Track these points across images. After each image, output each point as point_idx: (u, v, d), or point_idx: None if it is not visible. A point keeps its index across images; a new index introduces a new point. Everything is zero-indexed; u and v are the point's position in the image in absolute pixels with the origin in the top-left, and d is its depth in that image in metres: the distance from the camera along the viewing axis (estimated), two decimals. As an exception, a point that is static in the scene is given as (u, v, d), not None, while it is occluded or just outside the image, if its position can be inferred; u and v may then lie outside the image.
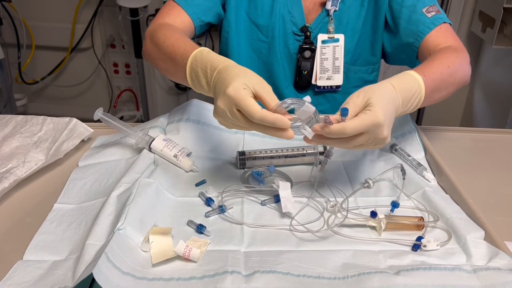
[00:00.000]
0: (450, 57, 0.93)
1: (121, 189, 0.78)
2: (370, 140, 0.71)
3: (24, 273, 0.65)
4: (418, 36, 1.05)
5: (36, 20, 2.53)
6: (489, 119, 2.34)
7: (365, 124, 0.69)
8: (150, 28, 1.02)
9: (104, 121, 0.91)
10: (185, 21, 1.05)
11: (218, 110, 0.72)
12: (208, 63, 0.77)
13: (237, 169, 0.91)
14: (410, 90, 0.78)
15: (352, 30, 1.14)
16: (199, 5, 1.07)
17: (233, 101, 0.69)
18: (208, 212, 0.78)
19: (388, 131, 0.71)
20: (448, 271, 0.65)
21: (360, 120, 0.69)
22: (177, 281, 0.63)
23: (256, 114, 0.68)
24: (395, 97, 0.75)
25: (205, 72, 0.78)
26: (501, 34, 2.06)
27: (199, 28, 1.09)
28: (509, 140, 1.10)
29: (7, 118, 1.03)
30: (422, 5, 1.06)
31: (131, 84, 2.75)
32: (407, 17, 1.07)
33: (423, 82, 0.80)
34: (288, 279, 0.64)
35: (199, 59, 0.79)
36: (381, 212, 0.76)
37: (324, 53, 1.14)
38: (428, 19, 1.04)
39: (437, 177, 0.90)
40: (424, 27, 1.04)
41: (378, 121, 0.69)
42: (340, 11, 1.12)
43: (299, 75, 1.17)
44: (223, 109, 0.71)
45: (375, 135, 0.70)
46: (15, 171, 0.85)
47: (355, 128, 0.68)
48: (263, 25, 1.14)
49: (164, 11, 1.06)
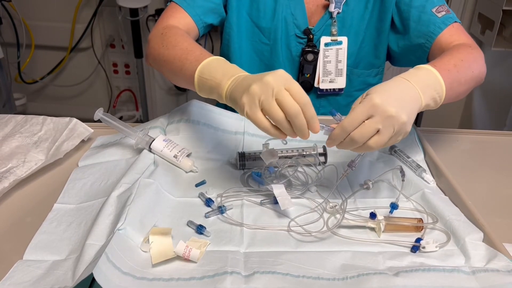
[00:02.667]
0: (462, 52, 0.91)
1: (121, 189, 0.78)
2: (380, 125, 0.68)
3: (24, 273, 0.65)
4: (430, 37, 1.03)
5: (35, 19, 2.53)
6: (488, 121, 2.34)
7: (359, 110, 0.68)
8: (155, 31, 1.01)
9: (104, 121, 0.91)
10: (188, 23, 1.05)
11: (263, 85, 0.69)
12: (229, 68, 0.79)
13: (237, 169, 0.91)
14: (422, 77, 0.77)
15: (356, 32, 1.13)
16: (201, 7, 1.07)
17: (285, 79, 0.69)
18: (208, 212, 0.78)
19: (395, 109, 0.68)
20: (446, 273, 0.65)
21: (353, 110, 0.69)
22: (177, 281, 0.63)
23: (304, 97, 0.69)
24: (404, 83, 0.74)
25: (225, 72, 0.78)
26: (500, 36, 2.07)
27: (202, 29, 1.09)
28: (508, 142, 1.10)
29: (7, 117, 1.03)
30: (431, 5, 1.05)
31: (130, 84, 2.75)
32: (417, 18, 1.06)
33: (436, 70, 0.79)
34: (287, 279, 0.64)
35: (217, 62, 0.81)
36: (380, 214, 0.77)
37: (327, 56, 1.13)
38: (438, 19, 1.03)
39: (436, 178, 0.90)
40: (435, 27, 1.03)
41: (372, 102, 0.68)
42: (344, 13, 1.11)
43: (302, 78, 1.16)
44: (272, 84, 0.68)
45: (380, 116, 0.68)
46: (15, 171, 0.85)
47: (351, 121, 0.68)
48: (265, 27, 1.13)
49: (168, 14, 1.06)
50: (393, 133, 0.70)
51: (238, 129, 0.99)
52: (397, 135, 0.71)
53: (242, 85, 0.73)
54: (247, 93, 0.70)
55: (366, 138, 0.69)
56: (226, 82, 0.76)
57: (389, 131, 0.69)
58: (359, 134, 0.69)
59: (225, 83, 0.76)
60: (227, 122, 0.99)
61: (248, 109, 0.71)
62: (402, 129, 0.70)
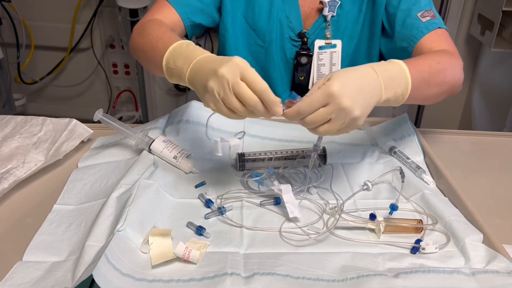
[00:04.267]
0: (441, 56, 0.91)
1: (120, 190, 0.78)
2: (333, 115, 0.69)
3: (23, 274, 0.65)
4: (411, 41, 1.03)
5: (35, 20, 2.53)
6: (488, 122, 2.34)
7: (316, 97, 0.68)
8: (139, 24, 1.02)
9: (104, 122, 0.91)
10: (174, 18, 1.05)
11: (218, 80, 0.69)
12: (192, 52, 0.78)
13: (237, 171, 0.91)
14: (391, 71, 0.76)
15: (350, 35, 1.13)
16: (190, 6, 1.07)
17: (240, 68, 0.69)
18: (208, 213, 0.78)
19: (350, 102, 0.68)
20: (446, 274, 0.65)
21: (312, 94, 0.69)
22: (176, 283, 0.63)
23: (260, 84, 0.69)
24: (369, 73, 0.73)
25: (187, 59, 0.77)
26: (500, 37, 2.07)
27: (190, 28, 1.09)
28: (508, 143, 1.10)
29: (7, 118, 1.03)
30: (417, 9, 1.04)
31: (130, 85, 2.75)
32: (402, 21, 1.05)
33: (406, 67, 0.78)
34: (287, 281, 0.64)
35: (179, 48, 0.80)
36: (380, 215, 0.77)
37: (321, 59, 1.13)
38: (422, 23, 1.02)
39: (436, 180, 0.90)
40: (417, 32, 1.02)
41: (329, 91, 0.68)
42: (338, 16, 1.10)
43: (296, 80, 1.16)
44: (227, 77, 0.68)
45: (334, 106, 0.68)
46: (15, 171, 0.85)
47: (308, 104, 0.68)
48: (260, 29, 1.12)
49: (155, 8, 1.06)
50: (342, 125, 0.70)
51: (238, 130, 0.99)
52: (347, 127, 0.71)
53: (200, 77, 0.73)
54: (207, 91, 0.71)
55: (317, 124, 0.70)
56: (186, 70, 0.77)
57: (340, 122, 0.70)
58: (311, 120, 0.70)
59: (185, 72, 0.77)
60: (227, 123, 0.99)
61: (214, 107, 0.73)
62: (352, 124, 0.71)
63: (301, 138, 1.01)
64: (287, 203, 0.77)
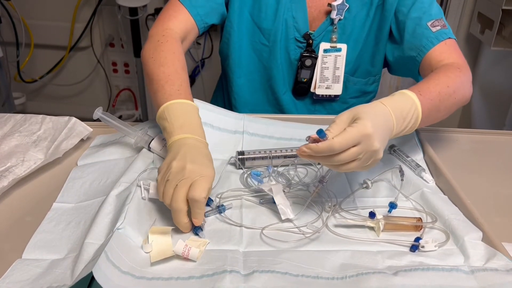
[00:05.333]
0: (450, 76, 0.90)
1: (120, 188, 0.78)
2: (362, 155, 0.69)
3: (22, 272, 0.65)
4: (421, 51, 1.01)
5: (35, 18, 2.53)
6: (487, 121, 2.34)
7: (352, 136, 0.67)
8: (154, 30, 1.01)
9: (104, 120, 0.91)
10: (189, 23, 1.05)
11: (182, 173, 0.72)
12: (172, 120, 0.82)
13: (237, 169, 0.91)
14: (403, 108, 0.77)
15: (356, 40, 1.12)
16: (203, 6, 1.06)
17: (196, 176, 0.72)
18: (207, 212, 0.78)
19: (379, 144, 0.69)
20: (446, 272, 0.65)
21: (347, 133, 0.68)
22: (176, 281, 0.63)
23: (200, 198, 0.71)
24: (387, 113, 0.74)
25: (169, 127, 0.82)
26: (500, 35, 2.07)
27: (203, 29, 1.09)
28: (507, 142, 1.10)
29: (6, 116, 1.03)
30: (428, 18, 1.02)
31: (130, 83, 2.75)
32: (411, 30, 1.04)
33: (418, 100, 0.79)
34: (286, 279, 0.64)
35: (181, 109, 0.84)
36: (379, 213, 0.77)
37: (325, 62, 1.12)
38: (432, 33, 1.01)
39: (436, 178, 0.90)
40: (427, 42, 1.00)
41: (366, 132, 0.68)
42: (345, 20, 1.09)
43: (298, 82, 1.16)
44: (187, 176, 0.71)
45: (366, 147, 0.68)
46: (14, 170, 0.85)
47: (343, 142, 0.67)
48: (265, 28, 1.11)
49: (169, 12, 1.05)
50: (366, 164, 0.71)
51: (237, 128, 0.98)
52: (368, 166, 0.72)
53: (178, 152, 0.76)
54: (170, 166, 0.73)
55: (345, 162, 0.69)
56: (174, 137, 0.79)
57: (366, 162, 0.71)
58: (342, 158, 0.68)
59: (172, 139, 0.79)
60: (227, 121, 0.99)
61: (160, 178, 0.75)
62: (374, 162, 0.72)
63: (300, 136, 1.00)
64: (279, 205, 0.77)
